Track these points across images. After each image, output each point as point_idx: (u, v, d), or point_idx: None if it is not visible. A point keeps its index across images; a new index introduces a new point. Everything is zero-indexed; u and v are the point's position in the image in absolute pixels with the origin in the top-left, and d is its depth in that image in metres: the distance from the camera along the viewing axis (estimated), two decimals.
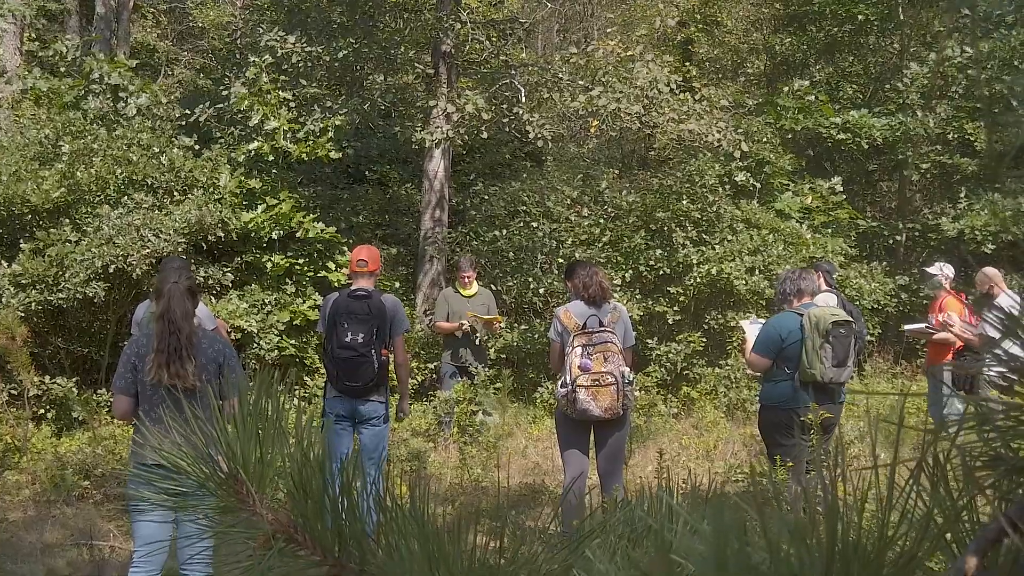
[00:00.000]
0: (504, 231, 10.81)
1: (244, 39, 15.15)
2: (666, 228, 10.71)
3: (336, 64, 10.67)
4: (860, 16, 13.78)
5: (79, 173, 8.74)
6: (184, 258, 7.51)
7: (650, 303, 10.45)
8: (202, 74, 16.25)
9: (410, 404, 7.02)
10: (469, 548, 0.83)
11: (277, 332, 9.34)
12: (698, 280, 10.40)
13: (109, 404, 7.37)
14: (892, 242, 13.31)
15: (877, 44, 14.89)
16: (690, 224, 10.77)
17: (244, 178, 9.67)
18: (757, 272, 10.45)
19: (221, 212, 9.04)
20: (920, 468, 0.56)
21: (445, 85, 10.69)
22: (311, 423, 0.90)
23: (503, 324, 9.40)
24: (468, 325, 8.43)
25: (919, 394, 9.01)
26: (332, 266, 9.99)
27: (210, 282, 9.15)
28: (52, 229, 8.57)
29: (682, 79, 11.02)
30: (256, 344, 9.15)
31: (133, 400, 4.03)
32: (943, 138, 13.06)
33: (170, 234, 8.50)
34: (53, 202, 8.64)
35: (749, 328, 6.27)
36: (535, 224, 10.82)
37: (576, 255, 10.19)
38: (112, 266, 8.26)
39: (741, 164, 11.33)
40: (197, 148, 9.75)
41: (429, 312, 10.18)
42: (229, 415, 0.92)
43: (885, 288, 11.54)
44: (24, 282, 8.25)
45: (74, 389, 7.90)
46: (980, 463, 0.55)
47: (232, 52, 15.32)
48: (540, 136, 9.86)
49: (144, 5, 17.82)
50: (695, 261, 10.45)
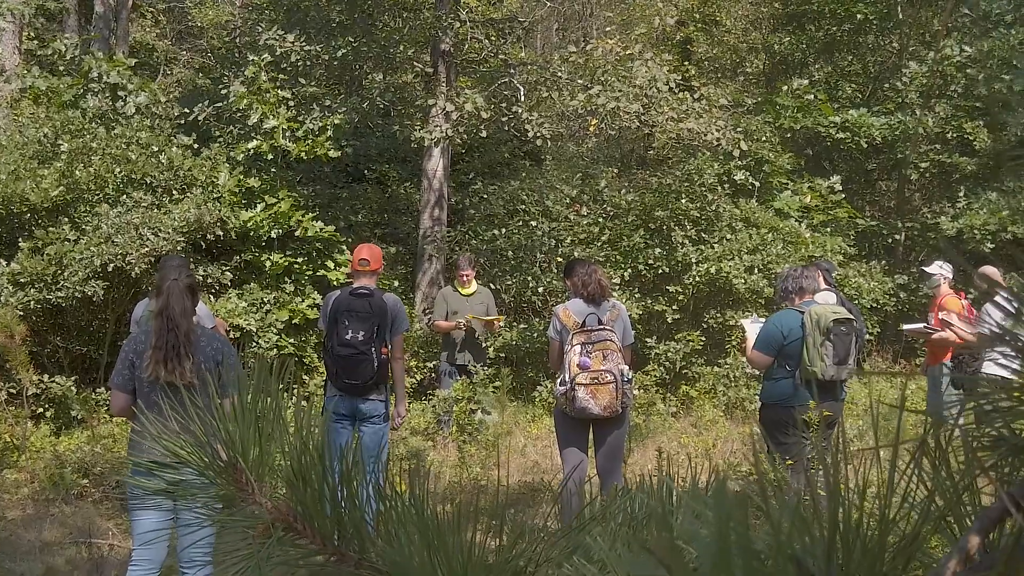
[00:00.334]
0: (503, 230, 10.80)
1: (243, 38, 15.14)
2: (665, 227, 10.70)
3: (335, 63, 10.66)
4: (859, 15, 13.79)
5: (78, 172, 8.73)
6: (183, 256, 7.50)
7: (649, 302, 10.44)
8: (201, 73, 16.24)
9: (407, 408, 7.01)
10: (469, 537, 0.82)
11: (276, 331, 9.33)
12: (697, 279, 10.39)
13: (108, 403, 7.37)
14: (891, 241, 13.33)
15: (876, 43, 14.90)
16: (689, 223, 10.77)
17: (243, 177, 9.66)
18: (756, 271, 10.45)
19: (220, 211, 9.03)
20: (922, 450, 0.56)
21: (444, 84, 10.68)
22: (310, 411, 0.90)
23: (502, 323, 9.40)
24: (464, 323, 8.42)
25: (916, 381, 9.01)
26: (331, 265, 9.98)
27: (209, 281, 9.14)
28: (51, 228, 8.56)
29: (681, 78, 11.01)
30: (255, 343, 9.15)
31: (130, 396, 4.03)
32: (942, 137, 13.07)
33: (169, 233, 8.49)
34: (52, 201, 8.63)
35: (749, 327, 6.27)
36: (534, 223, 10.82)
37: (575, 254, 10.19)
38: (111, 265, 8.25)
39: (740, 163, 11.33)
40: (196, 147, 9.74)
41: (428, 311, 10.18)
42: (228, 412, 0.92)
43: (884, 287, 11.55)
44: (23, 281, 8.24)
45: (73, 388, 7.88)
46: (982, 444, 0.54)
47: (231, 51, 15.31)
48: (539, 135, 9.85)
49: (143, 4, 17.81)
50: (694, 260, 10.45)
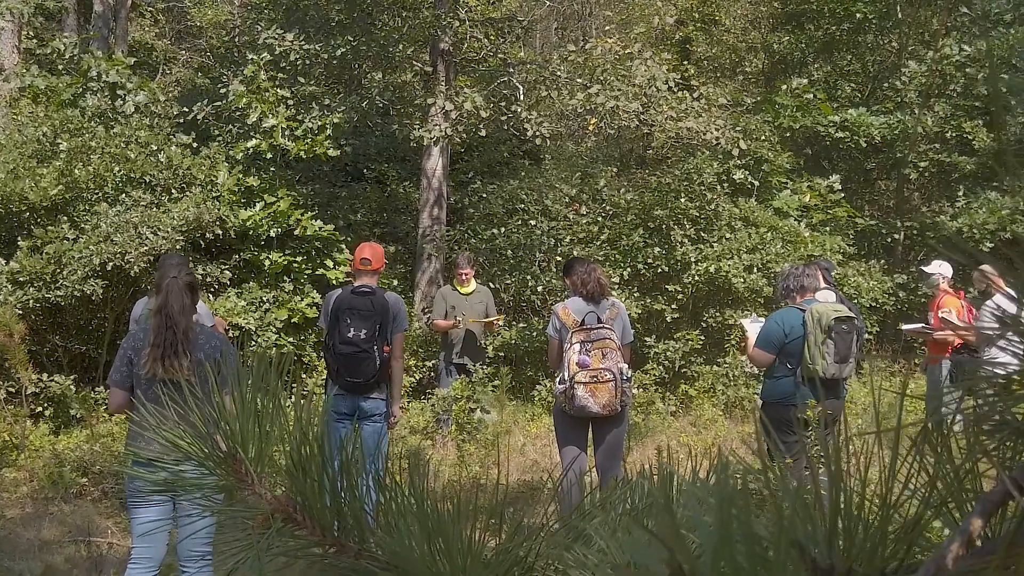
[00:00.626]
0: (502, 229, 10.80)
1: (242, 37, 15.13)
2: (664, 226, 10.70)
3: (334, 62, 10.66)
4: (858, 14, 13.79)
5: (77, 171, 8.73)
6: (182, 255, 7.50)
7: (648, 301, 10.44)
8: (200, 73, 16.23)
9: (403, 409, 7.00)
10: (468, 528, 0.82)
11: (275, 330, 9.33)
12: (696, 278, 10.39)
13: (107, 401, 7.37)
14: (890, 240, 13.32)
15: (875, 42, 14.90)
16: (688, 222, 10.76)
17: (242, 176, 9.66)
18: (755, 270, 10.45)
19: (219, 210, 9.03)
20: (923, 436, 0.56)
21: (443, 83, 10.68)
22: (310, 403, 0.90)
23: (501, 322, 9.40)
24: (461, 320, 8.41)
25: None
26: (330, 264, 9.98)
27: (208, 280, 9.14)
28: (50, 227, 8.55)
29: (680, 78, 11.01)
30: (254, 342, 9.15)
31: (128, 394, 4.03)
32: (941, 136, 13.07)
33: (168, 231, 8.49)
34: (51, 200, 8.63)
35: (750, 326, 6.27)
36: (533, 222, 10.81)
37: (574, 253, 10.18)
38: (110, 264, 8.24)
39: (739, 162, 11.32)
40: (195, 146, 9.74)
41: (427, 310, 10.17)
42: (228, 409, 0.92)
43: (883, 286, 11.55)
44: (22, 279, 8.24)
45: (72, 387, 7.88)
46: (984, 427, 0.54)
47: (230, 50, 15.31)
48: (538, 134, 9.85)
49: (142, 4, 17.81)
50: (693, 259, 10.45)
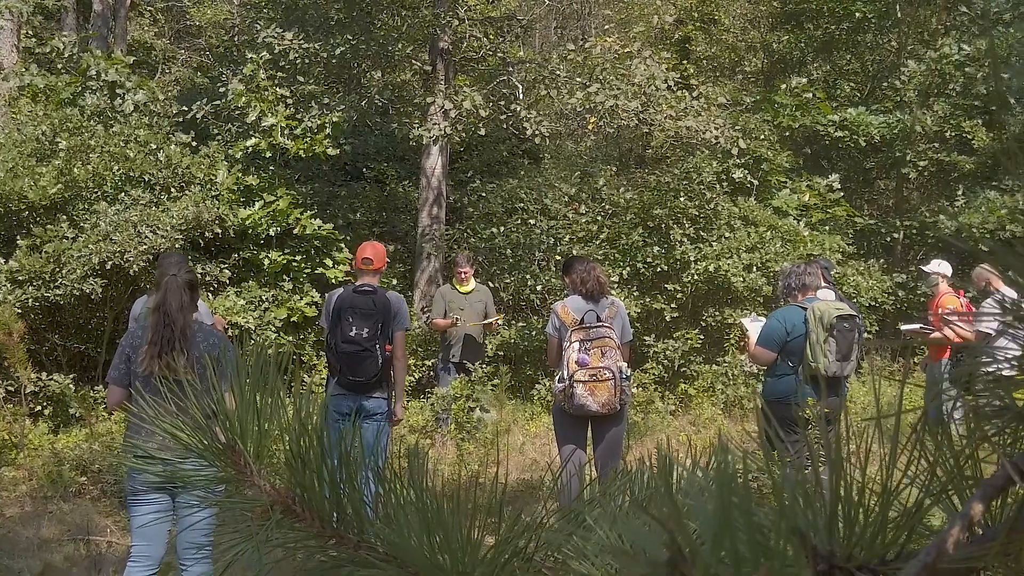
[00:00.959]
0: (501, 228, 10.80)
1: (241, 36, 15.12)
2: (663, 225, 10.70)
3: (333, 61, 10.65)
4: (857, 14, 13.79)
5: (76, 170, 8.73)
6: (182, 253, 7.50)
7: (647, 300, 10.44)
8: (199, 72, 16.22)
9: (405, 408, 7.00)
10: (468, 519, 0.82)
11: (274, 329, 9.33)
12: (695, 277, 10.39)
13: (106, 400, 7.37)
14: (889, 240, 13.32)
15: (875, 42, 14.90)
16: (687, 221, 10.76)
17: (241, 175, 9.66)
18: (754, 269, 10.45)
19: (218, 209, 9.03)
20: (923, 421, 0.56)
21: (443, 82, 10.67)
22: (309, 392, 0.90)
23: (501, 322, 9.40)
24: (459, 318, 8.41)
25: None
26: (329, 263, 9.98)
27: (207, 279, 9.14)
28: (49, 225, 8.55)
29: (679, 77, 11.01)
30: (253, 341, 9.14)
31: (126, 391, 4.03)
32: (940, 136, 13.07)
33: (167, 230, 8.48)
34: (50, 198, 8.62)
35: (749, 325, 6.27)
36: (532, 221, 10.81)
37: (574, 252, 10.18)
38: (109, 262, 8.24)
39: (739, 161, 11.32)
40: (194, 145, 9.74)
41: (426, 309, 10.17)
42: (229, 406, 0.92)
43: (882, 286, 11.55)
44: (21, 278, 8.23)
45: (71, 386, 7.88)
46: (985, 413, 0.54)
47: (229, 49, 15.30)
48: (537, 133, 9.84)
49: (141, 3, 17.79)
50: (692, 258, 10.45)
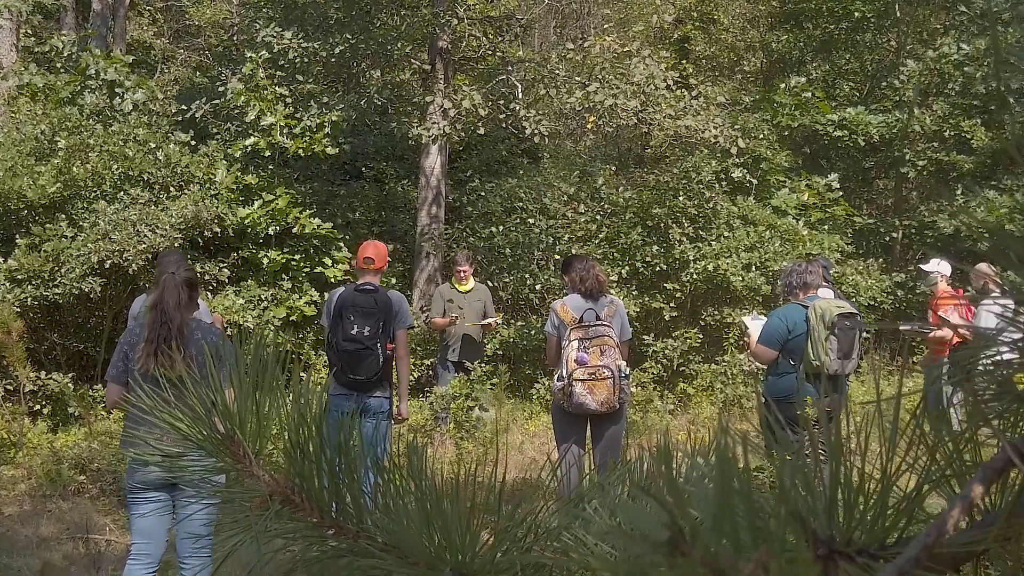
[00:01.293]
0: (500, 228, 10.80)
1: (240, 35, 15.11)
2: (662, 224, 10.70)
3: (332, 60, 10.65)
4: (857, 13, 13.79)
5: (75, 169, 8.73)
6: (181, 252, 7.50)
7: (646, 299, 10.44)
8: (198, 71, 16.22)
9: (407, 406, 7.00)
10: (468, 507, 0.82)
11: (274, 328, 9.32)
12: (694, 276, 10.39)
13: (104, 398, 7.37)
14: (888, 239, 13.32)
15: (874, 41, 14.90)
16: (686, 220, 10.76)
17: (240, 174, 9.66)
18: (753, 268, 10.45)
19: (217, 208, 9.03)
20: (924, 404, 0.55)
21: (442, 81, 10.67)
22: (308, 381, 0.90)
23: (499, 321, 9.39)
24: (458, 316, 8.41)
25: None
26: (328, 262, 9.98)
27: (206, 278, 9.14)
28: (48, 224, 8.55)
29: (679, 76, 11.01)
30: (253, 334, 9.14)
31: (125, 389, 4.02)
32: (939, 135, 13.07)
33: (166, 229, 8.49)
34: (49, 197, 8.62)
35: (751, 323, 6.28)
36: (531, 221, 10.81)
37: (573, 251, 10.18)
38: (108, 261, 8.24)
39: (737, 161, 11.32)
40: (193, 144, 9.74)
41: (425, 308, 10.17)
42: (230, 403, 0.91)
43: (881, 285, 11.55)
44: (20, 277, 8.23)
45: (70, 384, 7.87)
46: (986, 395, 0.54)
47: (228, 48, 15.29)
48: (536, 132, 9.84)
49: (140, 2, 17.79)
50: (691, 257, 10.45)
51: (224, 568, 0.92)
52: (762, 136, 12.17)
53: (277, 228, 9.59)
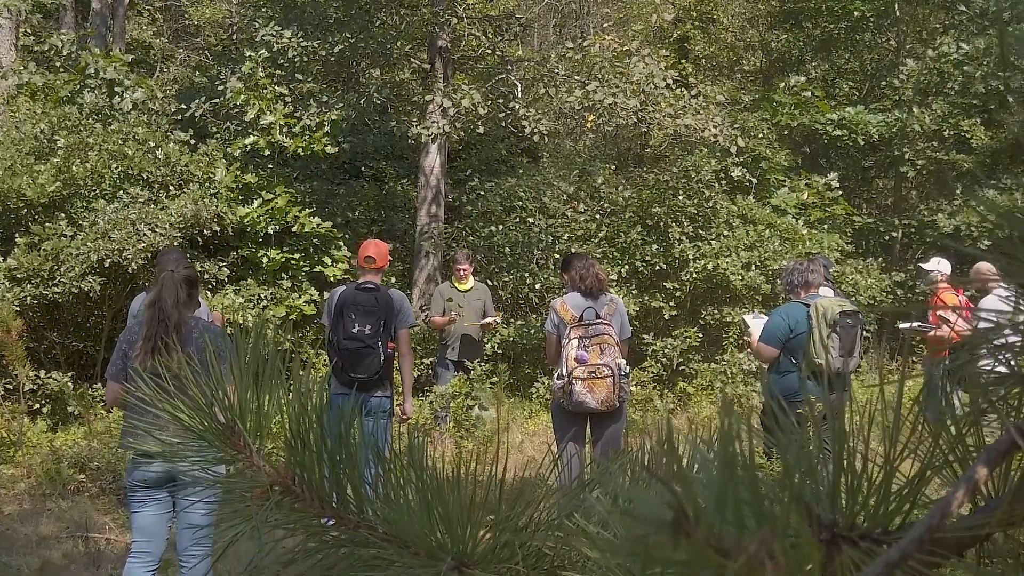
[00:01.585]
0: (500, 227, 10.80)
1: (240, 34, 15.11)
2: (662, 223, 10.70)
3: (332, 59, 10.65)
4: (856, 12, 13.78)
5: (74, 167, 8.72)
6: (180, 250, 7.49)
7: (646, 298, 10.44)
8: (198, 70, 16.21)
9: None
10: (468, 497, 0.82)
11: (273, 327, 9.32)
12: (694, 275, 10.39)
13: (104, 397, 7.36)
14: (888, 238, 13.32)
15: (873, 41, 14.89)
16: (686, 219, 10.76)
17: (240, 173, 9.65)
18: (753, 268, 10.45)
19: (217, 207, 9.03)
20: (926, 388, 0.55)
21: (441, 80, 10.67)
22: (308, 372, 0.89)
23: (499, 320, 9.39)
24: (457, 315, 8.40)
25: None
26: (328, 261, 9.97)
27: (206, 277, 9.14)
28: (47, 223, 8.55)
29: (678, 75, 11.01)
30: (252, 327, 9.13)
31: (124, 387, 4.02)
32: (939, 135, 13.07)
33: (166, 228, 8.48)
34: (48, 196, 8.62)
35: (752, 322, 6.28)
36: (531, 220, 10.81)
37: (572, 251, 10.18)
38: (107, 260, 8.24)
39: (737, 160, 11.31)
40: (193, 143, 9.73)
41: (425, 307, 10.17)
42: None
43: (881, 284, 11.54)
44: (19, 276, 8.22)
45: (69, 384, 7.87)
46: (989, 378, 0.54)
47: (228, 47, 15.29)
48: (536, 131, 9.84)
49: (140, 2, 17.77)
50: (691, 256, 10.45)
51: (224, 559, 0.92)
52: (762, 135, 12.17)
53: (276, 227, 9.59)
